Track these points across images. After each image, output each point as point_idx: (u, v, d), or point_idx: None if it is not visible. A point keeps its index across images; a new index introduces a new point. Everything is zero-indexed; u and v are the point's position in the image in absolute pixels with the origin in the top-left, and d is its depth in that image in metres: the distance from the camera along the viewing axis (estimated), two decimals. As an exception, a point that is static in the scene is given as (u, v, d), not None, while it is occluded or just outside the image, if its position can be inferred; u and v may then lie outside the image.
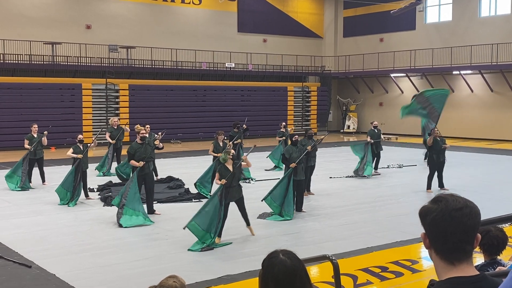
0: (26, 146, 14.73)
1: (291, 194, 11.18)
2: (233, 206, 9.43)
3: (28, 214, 11.46)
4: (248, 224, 9.67)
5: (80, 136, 13.50)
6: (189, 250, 8.77)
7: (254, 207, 11.17)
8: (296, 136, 12.53)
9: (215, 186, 11.21)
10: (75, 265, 8.02)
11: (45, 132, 15.06)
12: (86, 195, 13.06)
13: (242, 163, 9.68)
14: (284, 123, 19.13)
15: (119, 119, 20.36)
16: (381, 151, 17.36)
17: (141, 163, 10.98)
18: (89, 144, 13.53)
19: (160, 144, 12.05)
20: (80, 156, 12.62)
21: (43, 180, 14.99)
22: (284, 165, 13.03)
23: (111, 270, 7.83)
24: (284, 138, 18.08)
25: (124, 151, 18.15)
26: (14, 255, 8.44)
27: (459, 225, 1.77)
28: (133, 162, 11.17)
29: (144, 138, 11.54)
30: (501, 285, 1.64)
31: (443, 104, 14.43)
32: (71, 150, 12.94)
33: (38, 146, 14.75)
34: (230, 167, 9.29)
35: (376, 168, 17.22)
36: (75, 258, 8.41)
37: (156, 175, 15.28)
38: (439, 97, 14.36)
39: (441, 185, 14.20)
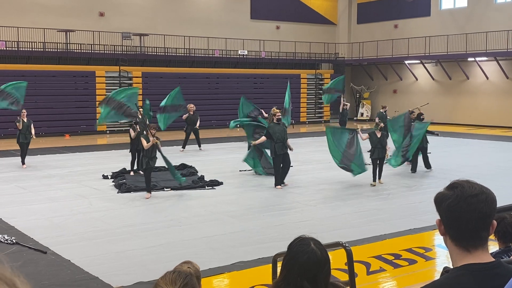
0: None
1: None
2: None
3: (44, 201, 11.57)
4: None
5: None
6: None
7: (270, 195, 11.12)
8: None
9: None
10: (90, 251, 8.10)
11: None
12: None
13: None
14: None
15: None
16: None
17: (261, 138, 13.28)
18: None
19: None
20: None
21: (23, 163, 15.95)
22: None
23: (125, 256, 7.90)
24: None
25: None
26: (30, 241, 8.54)
27: (474, 211, 1.75)
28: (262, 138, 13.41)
29: (280, 120, 13.36)
30: (509, 283, 1.62)
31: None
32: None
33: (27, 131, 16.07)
34: (379, 134, 13.05)
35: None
36: (89, 244, 8.49)
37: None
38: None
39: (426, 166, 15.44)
